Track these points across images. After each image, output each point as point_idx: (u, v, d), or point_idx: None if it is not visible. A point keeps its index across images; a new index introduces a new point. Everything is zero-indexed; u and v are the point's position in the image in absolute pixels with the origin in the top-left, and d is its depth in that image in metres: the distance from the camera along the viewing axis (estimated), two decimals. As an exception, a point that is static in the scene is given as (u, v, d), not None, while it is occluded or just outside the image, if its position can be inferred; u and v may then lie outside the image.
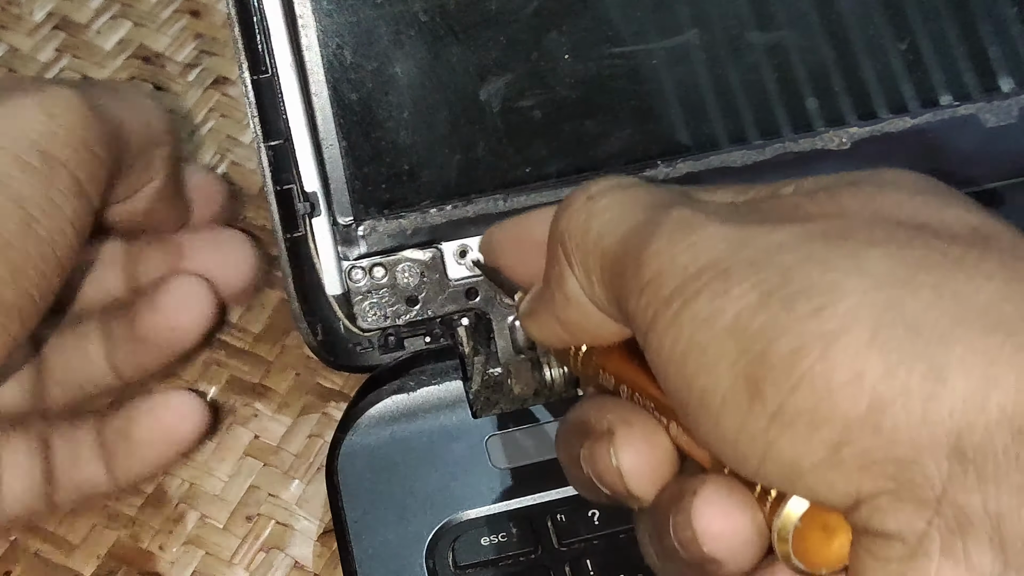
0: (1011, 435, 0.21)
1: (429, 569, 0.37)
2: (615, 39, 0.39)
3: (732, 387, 0.24)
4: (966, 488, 0.22)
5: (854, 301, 0.23)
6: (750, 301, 0.24)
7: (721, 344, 0.24)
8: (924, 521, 0.22)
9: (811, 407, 0.23)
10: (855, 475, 0.23)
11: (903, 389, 0.22)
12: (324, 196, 0.39)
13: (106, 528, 0.39)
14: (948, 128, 0.41)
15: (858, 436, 0.22)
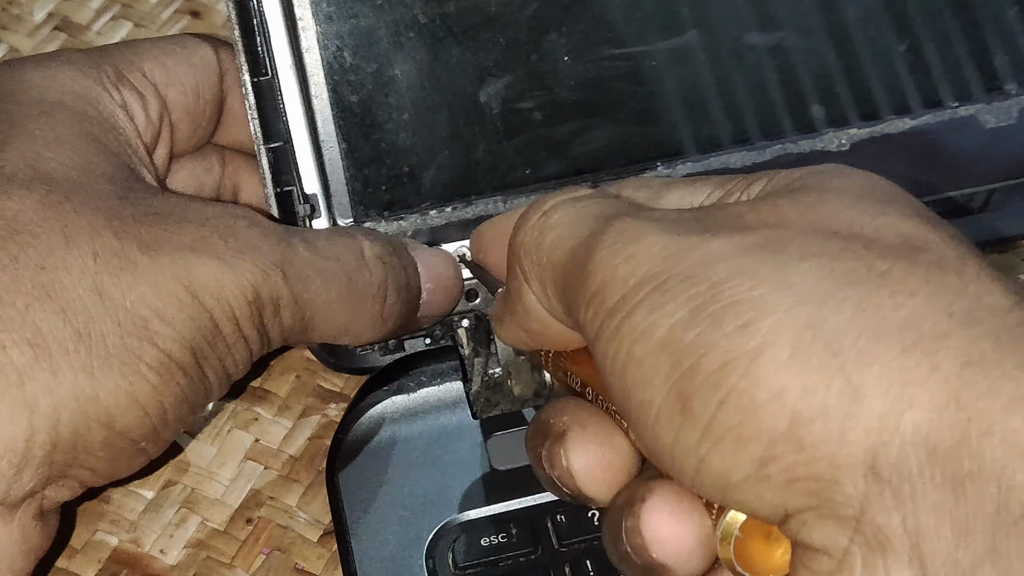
0: (926, 454, 0.21)
1: (429, 569, 0.37)
2: (614, 40, 0.39)
3: (665, 401, 0.24)
4: (884, 507, 0.22)
5: (778, 318, 0.23)
6: (682, 316, 0.24)
7: (656, 358, 0.24)
8: (846, 538, 0.22)
9: (737, 423, 0.23)
10: (782, 490, 0.23)
11: (821, 407, 0.22)
12: (324, 198, 0.39)
13: (108, 532, 0.39)
14: (948, 129, 0.41)
15: (782, 452, 0.23)
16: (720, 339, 0.23)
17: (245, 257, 0.33)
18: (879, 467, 0.22)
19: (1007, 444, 0.21)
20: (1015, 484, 0.20)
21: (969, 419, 0.21)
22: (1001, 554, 0.21)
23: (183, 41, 0.39)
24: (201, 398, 0.34)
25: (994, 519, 0.21)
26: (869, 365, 0.22)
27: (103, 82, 0.37)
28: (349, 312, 0.36)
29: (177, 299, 0.32)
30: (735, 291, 0.24)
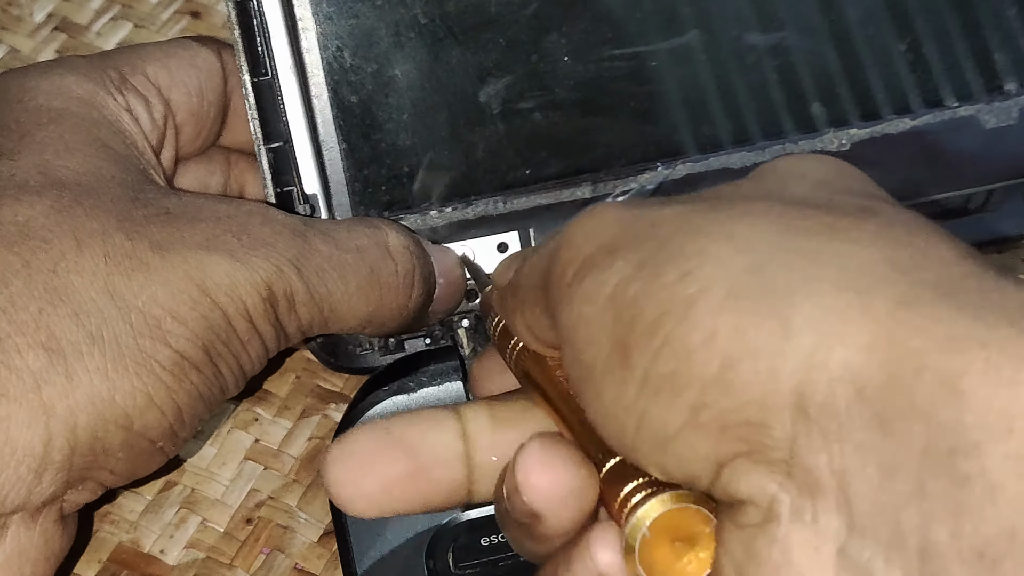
0: (854, 392, 0.21)
1: (429, 569, 0.37)
2: (615, 41, 0.40)
3: (609, 356, 0.24)
4: (812, 448, 0.21)
5: (717, 265, 0.23)
6: (628, 272, 0.24)
7: (601, 315, 0.24)
8: (776, 484, 0.22)
9: (672, 371, 0.23)
10: (715, 439, 0.23)
11: (752, 347, 0.22)
12: (324, 198, 0.39)
13: (108, 533, 0.39)
14: (948, 129, 0.41)
15: (713, 398, 0.22)
16: (660, 289, 0.23)
17: (258, 253, 0.33)
18: (807, 406, 0.21)
19: (938, 382, 0.20)
20: (944, 422, 0.20)
21: (900, 357, 0.21)
22: (926, 494, 0.20)
23: (185, 44, 0.39)
24: (217, 395, 0.34)
25: (921, 458, 0.20)
26: (801, 304, 0.22)
27: (107, 86, 0.37)
28: (374, 302, 0.36)
29: (190, 298, 0.32)
30: (679, 245, 0.24)
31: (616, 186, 0.40)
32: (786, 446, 0.22)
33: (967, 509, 0.20)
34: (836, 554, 0.22)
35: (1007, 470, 0.19)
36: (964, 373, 0.20)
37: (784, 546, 0.22)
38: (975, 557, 0.20)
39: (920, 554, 0.20)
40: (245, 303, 0.33)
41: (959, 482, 0.20)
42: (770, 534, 0.22)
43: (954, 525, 0.20)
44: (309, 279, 0.34)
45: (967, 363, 0.20)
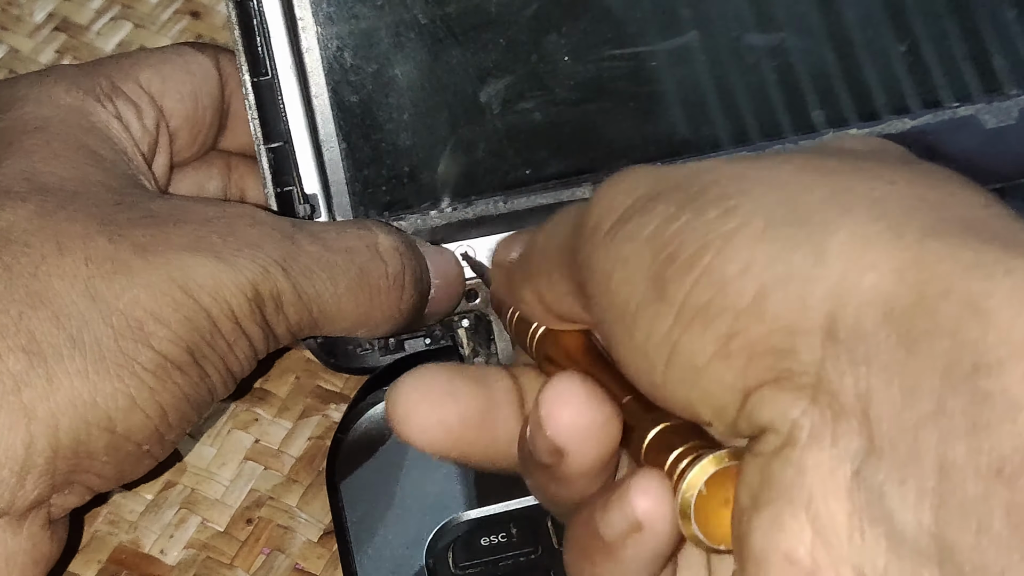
0: (882, 314, 0.21)
1: (429, 569, 0.37)
2: (615, 41, 0.40)
3: (644, 292, 0.24)
4: (839, 371, 0.22)
5: (757, 202, 0.23)
6: (670, 212, 0.24)
7: (640, 253, 0.25)
8: (799, 409, 0.22)
9: (706, 301, 0.23)
10: (742, 367, 0.23)
11: (785, 275, 0.22)
12: (324, 198, 0.39)
13: (107, 533, 0.39)
14: (948, 129, 0.41)
15: (745, 326, 0.23)
16: (701, 225, 0.24)
17: (244, 254, 0.33)
18: (836, 329, 0.22)
19: (963, 303, 0.21)
20: (967, 341, 0.20)
21: (928, 280, 0.21)
22: (947, 412, 0.20)
23: (181, 50, 0.40)
24: (205, 397, 0.34)
25: (943, 377, 0.21)
26: (835, 233, 0.22)
27: (96, 94, 0.37)
28: (364, 304, 0.36)
29: (172, 299, 0.32)
30: (721, 187, 0.24)
31: (616, 186, 0.40)
32: (813, 370, 0.22)
33: (986, 426, 0.20)
34: (851, 476, 0.22)
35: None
36: (990, 295, 0.20)
37: (799, 468, 0.22)
38: (992, 473, 0.20)
39: (937, 472, 0.21)
40: (230, 304, 0.33)
41: (980, 399, 0.20)
42: (786, 457, 0.23)
43: (972, 442, 0.20)
44: (297, 280, 0.34)
45: (993, 286, 0.20)
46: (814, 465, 0.22)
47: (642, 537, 0.26)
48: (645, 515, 0.25)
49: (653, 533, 0.25)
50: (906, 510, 0.21)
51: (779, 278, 0.22)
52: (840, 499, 0.22)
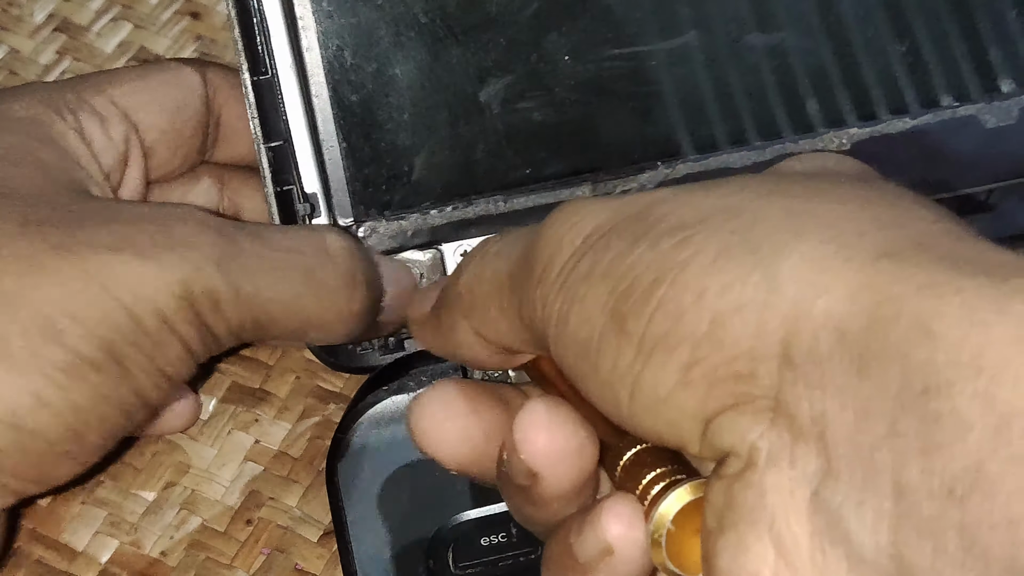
0: (836, 339, 0.21)
1: (429, 569, 0.37)
2: (615, 40, 0.40)
3: (604, 328, 0.25)
4: (795, 395, 0.22)
5: (710, 230, 0.24)
6: (623, 247, 0.25)
7: (597, 290, 0.25)
8: (757, 432, 0.23)
9: (665, 332, 0.23)
10: (703, 394, 0.23)
11: (739, 302, 0.23)
12: (324, 197, 0.39)
13: (107, 535, 0.39)
14: (948, 129, 0.41)
15: (704, 354, 0.23)
16: (655, 258, 0.24)
17: (175, 252, 0.33)
18: (792, 354, 0.22)
19: (914, 325, 0.21)
20: (917, 363, 0.20)
21: (879, 303, 0.21)
22: (899, 433, 0.21)
23: (164, 65, 0.40)
24: (129, 399, 0.34)
25: (895, 398, 0.21)
26: (787, 258, 0.22)
27: (57, 107, 0.37)
28: (312, 304, 0.36)
29: (88, 297, 0.32)
30: (676, 217, 0.24)
31: (616, 185, 0.40)
32: (771, 394, 0.22)
33: (937, 447, 0.20)
34: (810, 498, 0.22)
35: (976, 408, 0.20)
36: (939, 315, 0.20)
37: (760, 490, 0.23)
38: (945, 493, 0.20)
39: (892, 493, 0.21)
40: (155, 302, 0.33)
41: (930, 420, 0.20)
42: (747, 480, 0.23)
43: (925, 463, 0.20)
44: (234, 278, 0.34)
45: (942, 306, 0.21)
46: (774, 487, 0.23)
47: (614, 561, 0.26)
48: (616, 540, 0.26)
49: (624, 558, 0.26)
50: (864, 531, 0.21)
51: (734, 305, 0.23)
52: (801, 520, 0.22)
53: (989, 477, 0.19)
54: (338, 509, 0.38)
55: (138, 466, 0.41)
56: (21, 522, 0.40)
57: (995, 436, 0.19)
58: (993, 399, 0.20)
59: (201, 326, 0.34)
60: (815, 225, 0.23)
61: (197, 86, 0.40)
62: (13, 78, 0.49)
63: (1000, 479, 0.19)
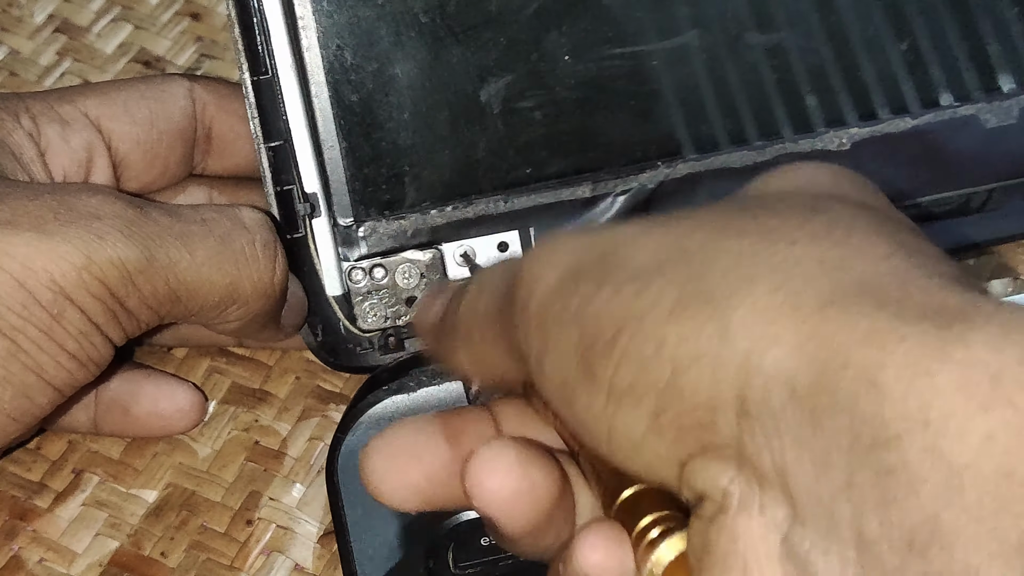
0: (787, 393, 0.22)
1: (429, 569, 0.37)
2: (615, 40, 0.40)
3: (575, 372, 0.25)
4: (755, 445, 0.22)
5: (667, 278, 0.24)
6: (589, 291, 0.25)
7: (568, 335, 0.25)
8: (727, 478, 0.23)
9: (631, 381, 0.24)
10: (673, 440, 0.23)
11: (695, 353, 0.23)
12: (324, 197, 0.39)
13: (108, 536, 0.39)
14: (948, 129, 0.41)
15: (669, 403, 0.23)
16: (617, 305, 0.24)
17: (77, 225, 0.33)
18: (747, 406, 0.22)
19: (859, 377, 0.21)
20: (866, 416, 0.20)
21: (826, 355, 0.21)
22: (856, 486, 0.21)
23: (149, 80, 0.41)
24: (27, 376, 0.34)
25: (848, 452, 0.21)
26: (736, 308, 0.23)
27: (17, 111, 0.38)
28: (230, 272, 0.36)
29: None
30: (636, 262, 0.25)
31: (616, 185, 0.40)
32: (733, 443, 0.22)
33: (893, 500, 0.20)
34: (781, 544, 0.22)
35: (926, 462, 0.20)
36: (883, 367, 0.20)
37: (731, 535, 0.23)
38: (905, 545, 0.20)
39: (855, 543, 0.21)
40: (51, 273, 0.33)
41: (884, 474, 0.20)
42: (720, 524, 0.23)
43: (883, 515, 0.20)
44: (146, 247, 0.34)
45: (886, 356, 0.20)
46: (745, 532, 0.23)
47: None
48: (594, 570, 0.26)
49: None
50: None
51: (691, 357, 0.23)
52: (773, 566, 0.22)
53: (945, 529, 0.19)
54: (338, 509, 0.38)
55: (138, 467, 0.41)
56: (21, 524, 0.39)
57: (947, 489, 0.19)
58: (942, 452, 0.20)
59: (110, 299, 0.34)
60: (765, 271, 0.23)
61: (180, 100, 0.40)
62: (13, 79, 0.49)
63: (956, 531, 0.19)
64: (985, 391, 0.19)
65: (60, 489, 0.40)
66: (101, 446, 0.41)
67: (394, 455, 0.28)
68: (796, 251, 0.23)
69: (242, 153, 0.40)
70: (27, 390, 0.34)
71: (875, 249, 0.23)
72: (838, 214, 0.25)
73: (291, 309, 0.39)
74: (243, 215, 0.37)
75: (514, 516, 0.27)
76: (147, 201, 0.36)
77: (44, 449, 0.41)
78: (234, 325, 0.38)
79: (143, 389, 0.40)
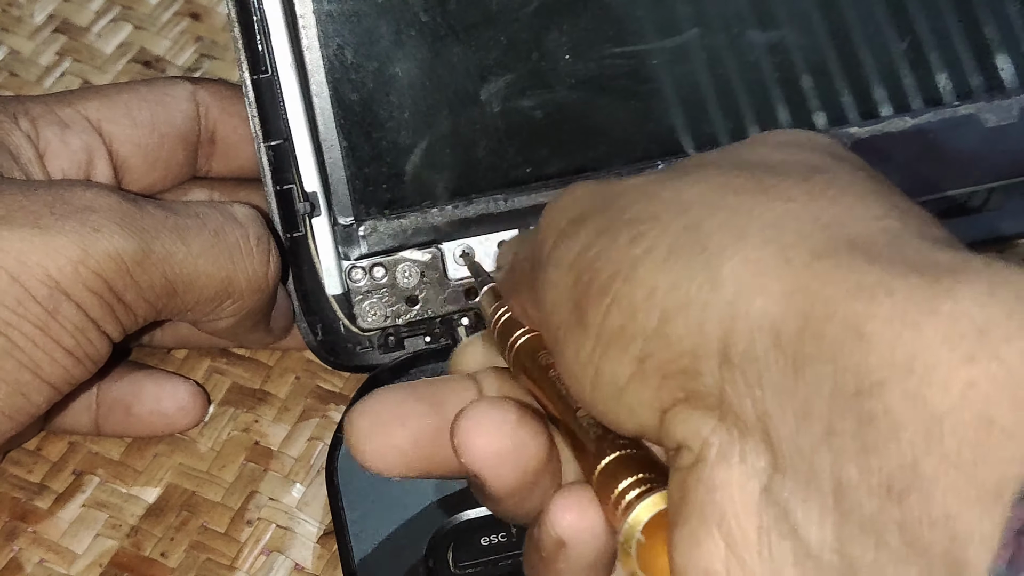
0: (771, 339, 0.22)
1: (429, 569, 0.37)
2: (615, 39, 0.40)
3: (568, 316, 0.25)
4: (737, 393, 0.22)
5: (663, 227, 0.24)
6: (589, 239, 0.25)
7: (564, 279, 0.26)
8: (708, 427, 0.23)
9: (620, 326, 0.24)
10: (656, 387, 0.24)
11: (684, 300, 0.23)
12: (324, 196, 0.39)
13: (108, 537, 0.39)
14: (948, 128, 0.41)
15: (655, 349, 0.24)
16: (613, 252, 0.25)
17: (73, 219, 0.33)
18: (731, 353, 0.22)
19: (846, 327, 0.21)
20: (850, 364, 0.21)
21: (813, 305, 0.22)
22: (836, 434, 0.21)
23: (151, 83, 0.41)
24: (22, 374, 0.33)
25: (830, 400, 0.21)
26: (730, 259, 0.23)
27: (16, 113, 0.38)
28: (225, 265, 0.36)
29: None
30: (634, 211, 0.25)
31: (617, 184, 0.40)
32: (716, 392, 0.23)
33: (873, 447, 0.20)
34: (760, 493, 0.22)
35: (907, 408, 0.20)
36: (871, 317, 0.21)
37: (710, 485, 0.23)
38: (884, 492, 0.20)
39: (834, 491, 0.21)
40: (45, 267, 0.33)
41: (865, 421, 0.20)
42: (699, 473, 0.23)
43: (862, 462, 0.20)
44: (142, 239, 0.34)
45: (874, 308, 0.21)
46: (724, 482, 0.23)
47: (568, 552, 0.26)
48: (566, 532, 0.26)
49: (578, 549, 0.26)
50: (810, 526, 0.22)
51: (678, 304, 0.23)
52: (751, 515, 0.23)
53: (924, 475, 0.20)
54: (338, 510, 0.38)
55: (138, 468, 0.41)
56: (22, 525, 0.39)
57: (927, 435, 0.20)
58: (924, 399, 0.20)
59: (107, 292, 0.34)
60: (758, 226, 0.23)
61: (183, 103, 0.40)
62: (13, 79, 0.49)
63: (935, 477, 0.20)
64: (971, 343, 0.20)
65: (60, 490, 0.40)
66: (101, 447, 0.41)
67: (380, 419, 0.29)
68: (792, 208, 0.24)
69: (246, 155, 0.40)
70: (23, 387, 0.34)
71: (869, 210, 0.24)
72: (836, 175, 0.25)
73: (278, 311, 0.39)
74: (235, 210, 0.37)
75: (500, 475, 0.27)
76: (141, 196, 0.36)
77: (45, 450, 0.41)
78: (227, 323, 0.38)
79: (145, 388, 0.40)
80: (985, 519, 0.19)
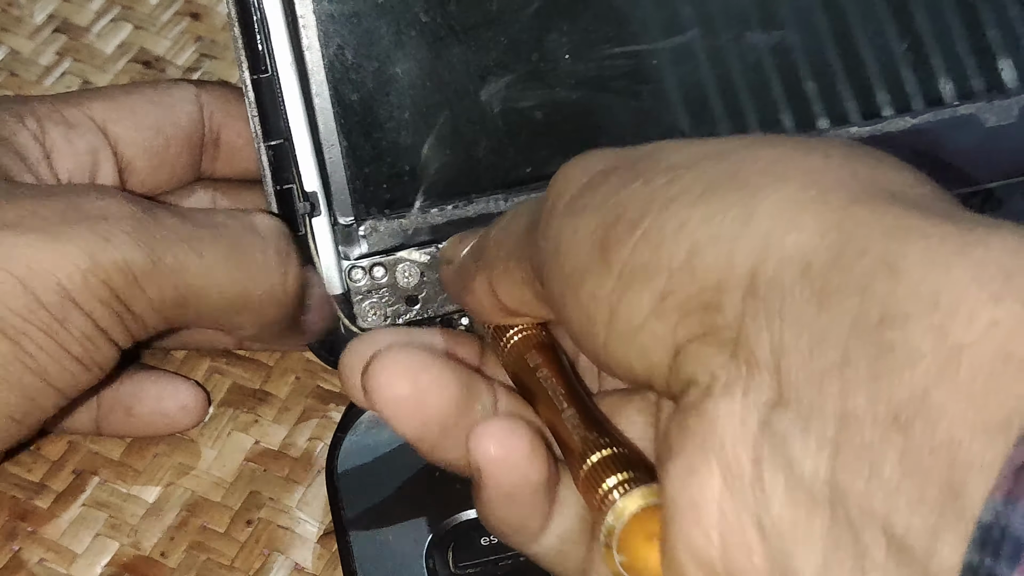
0: (800, 270, 0.22)
1: (429, 569, 0.37)
2: (616, 39, 0.40)
3: (588, 256, 0.26)
4: (756, 326, 0.23)
5: (700, 171, 0.25)
6: (619, 182, 0.26)
7: (588, 221, 0.26)
8: (719, 364, 0.23)
9: (645, 261, 0.24)
10: (674, 323, 0.24)
11: (715, 234, 0.23)
12: (324, 196, 0.39)
13: (108, 537, 0.39)
14: (948, 128, 0.41)
15: (678, 284, 0.24)
16: (647, 190, 0.25)
17: (83, 226, 0.33)
18: (756, 285, 0.23)
19: (878, 261, 0.21)
20: (877, 295, 0.21)
21: (846, 240, 0.22)
22: (850, 362, 0.21)
23: (156, 85, 0.41)
24: (32, 380, 0.33)
25: (850, 328, 0.21)
26: (766, 197, 0.23)
27: (22, 113, 0.38)
28: (241, 279, 0.36)
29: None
30: (671, 159, 0.26)
31: (617, 184, 0.40)
32: (735, 325, 0.23)
33: (886, 374, 0.21)
34: (759, 425, 0.23)
35: (928, 340, 0.20)
36: (903, 255, 0.21)
37: (711, 417, 0.23)
38: (889, 420, 0.21)
39: (837, 420, 0.21)
40: (56, 276, 0.33)
41: (883, 349, 0.21)
42: (702, 407, 0.24)
43: (872, 389, 0.21)
44: (153, 250, 0.34)
45: (907, 247, 0.21)
46: (726, 414, 0.23)
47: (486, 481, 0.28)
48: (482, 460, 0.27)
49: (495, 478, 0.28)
50: (806, 457, 0.22)
51: (710, 237, 0.23)
52: (747, 447, 0.23)
53: (934, 404, 0.20)
54: (338, 510, 0.38)
55: (138, 467, 0.41)
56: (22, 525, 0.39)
57: (944, 366, 0.20)
58: (946, 332, 0.20)
59: (116, 302, 0.34)
60: (798, 172, 0.24)
61: (187, 106, 0.40)
62: (13, 79, 0.49)
63: (943, 406, 0.20)
64: (998, 285, 0.20)
65: (60, 490, 0.40)
66: (101, 447, 0.41)
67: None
68: (831, 162, 0.24)
69: (251, 157, 0.40)
70: (30, 392, 0.34)
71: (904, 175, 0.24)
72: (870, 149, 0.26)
73: (314, 312, 0.39)
74: (256, 221, 0.36)
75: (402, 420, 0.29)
76: (158, 203, 0.36)
77: (44, 450, 0.41)
78: (249, 332, 0.38)
79: (145, 389, 0.40)
80: (989, 448, 0.19)
